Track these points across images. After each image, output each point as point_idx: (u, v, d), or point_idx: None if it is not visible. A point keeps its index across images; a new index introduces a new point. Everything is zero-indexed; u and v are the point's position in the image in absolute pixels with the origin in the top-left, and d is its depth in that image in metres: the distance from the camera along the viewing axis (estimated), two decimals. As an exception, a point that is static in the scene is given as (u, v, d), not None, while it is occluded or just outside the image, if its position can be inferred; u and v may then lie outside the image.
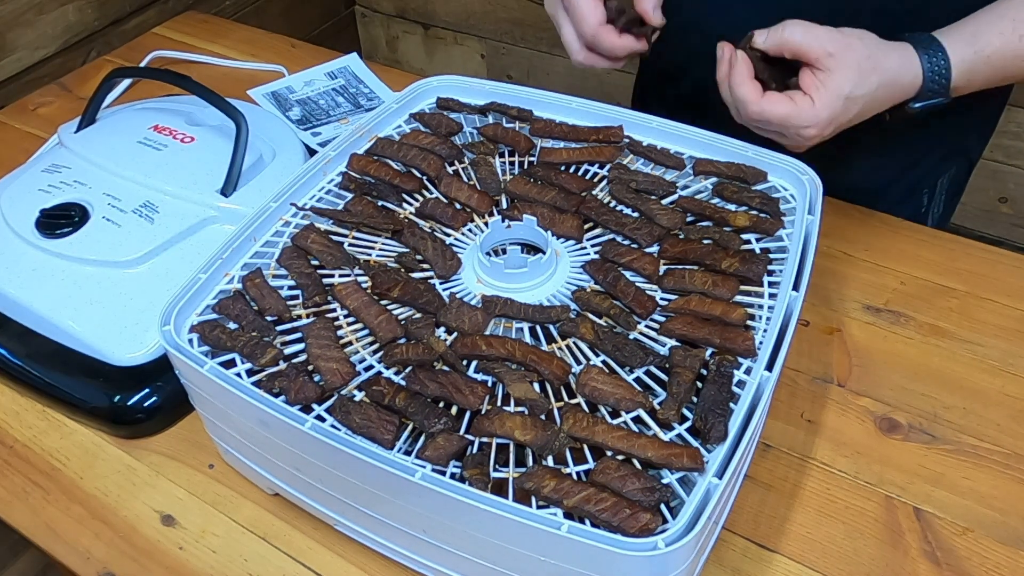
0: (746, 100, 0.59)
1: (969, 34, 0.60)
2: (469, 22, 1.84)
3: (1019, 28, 0.60)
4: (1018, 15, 0.60)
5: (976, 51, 0.60)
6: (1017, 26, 0.60)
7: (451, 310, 0.53)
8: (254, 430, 0.49)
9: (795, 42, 0.58)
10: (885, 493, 0.58)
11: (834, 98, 0.57)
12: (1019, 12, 0.60)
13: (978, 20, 0.61)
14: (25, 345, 0.65)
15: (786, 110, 0.58)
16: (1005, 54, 0.61)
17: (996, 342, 0.67)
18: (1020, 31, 0.60)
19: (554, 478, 0.43)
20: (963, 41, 0.60)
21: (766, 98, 0.59)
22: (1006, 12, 0.61)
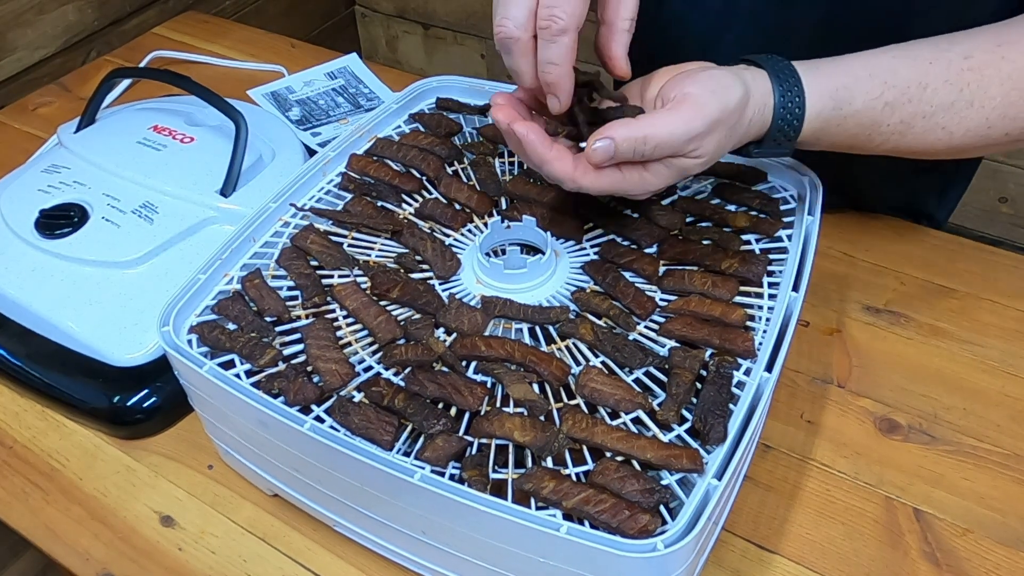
0: (585, 179, 0.49)
1: (834, 85, 0.51)
2: (469, 22, 1.84)
3: (887, 94, 0.52)
4: (889, 78, 0.52)
5: (836, 107, 0.51)
6: (885, 92, 0.52)
7: (450, 311, 0.52)
8: (253, 431, 0.49)
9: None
10: (885, 494, 0.58)
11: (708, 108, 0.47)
12: (891, 76, 0.52)
13: (847, 71, 0.52)
14: (25, 345, 0.65)
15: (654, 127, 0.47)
16: (863, 120, 0.52)
17: (996, 342, 0.67)
18: (887, 98, 0.52)
19: (553, 479, 0.43)
20: (826, 91, 0.51)
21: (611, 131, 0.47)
22: (877, 72, 0.52)
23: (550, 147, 0.49)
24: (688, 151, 0.48)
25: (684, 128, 0.46)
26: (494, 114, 0.50)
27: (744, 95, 0.48)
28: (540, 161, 0.49)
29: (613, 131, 0.47)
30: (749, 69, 0.51)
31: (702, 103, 0.47)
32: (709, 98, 0.47)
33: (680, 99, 0.47)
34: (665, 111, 0.47)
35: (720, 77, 0.49)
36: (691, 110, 0.47)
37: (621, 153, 0.47)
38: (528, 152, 0.49)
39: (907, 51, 0.53)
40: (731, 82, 0.48)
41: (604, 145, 0.47)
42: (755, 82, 0.50)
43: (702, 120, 0.47)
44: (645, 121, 0.47)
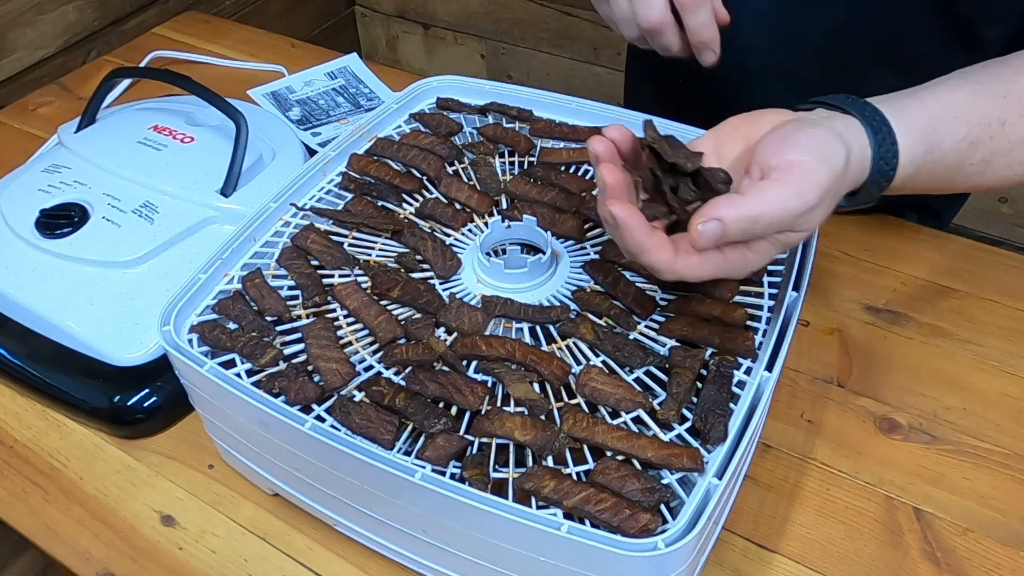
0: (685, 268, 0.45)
1: (923, 129, 0.48)
2: (469, 22, 1.84)
3: (971, 133, 0.50)
4: (970, 116, 0.50)
5: (927, 151, 0.49)
6: (969, 131, 0.50)
7: (451, 310, 0.53)
8: (254, 430, 0.49)
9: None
10: (885, 493, 0.58)
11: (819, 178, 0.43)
12: (971, 113, 0.50)
13: (931, 112, 0.49)
14: (25, 345, 0.65)
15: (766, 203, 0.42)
16: (949, 163, 0.50)
17: (996, 342, 0.67)
18: (971, 137, 0.50)
19: (554, 478, 0.43)
20: (916, 136, 0.48)
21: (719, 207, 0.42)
22: (959, 111, 0.50)
23: (650, 235, 0.44)
24: (797, 225, 0.44)
25: (798, 203, 0.42)
26: (598, 172, 0.45)
27: (846, 154, 0.45)
28: (639, 250, 0.44)
29: (720, 211, 0.42)
30: (838, 118, 0.47)
31: (812, 172, 0.43)
32: (818, 166, 0.43)
33: (786, 168, 0.43)
34: (774, 184, 0.43)
35: (822, 138, 0.44)
36: (802, 182, 0.43)
37: (730, 235, 0.42)
38: (626, 239, 0.44)
39: (977, 84, 0.51)
40: (834, 143, 0.45)
41: (712, 228, 0.42)
42: (849, 134, 0.46)
43: (815, 192, 0.43)
44: (755, 198, 0.42)
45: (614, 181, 0.45)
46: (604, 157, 0.46)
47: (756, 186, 0.43)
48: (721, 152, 0.48)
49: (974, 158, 0.51)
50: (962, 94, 0.51)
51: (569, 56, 1.76)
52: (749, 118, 0.49)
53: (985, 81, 0.52)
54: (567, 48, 1.75)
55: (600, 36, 1.68)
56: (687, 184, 0.45)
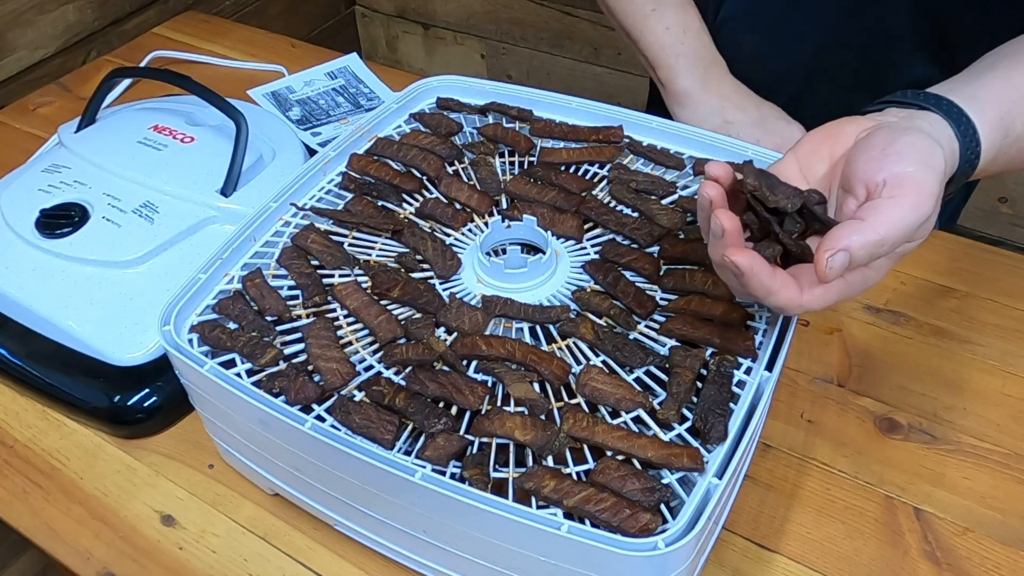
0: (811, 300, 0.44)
1: (998, 115, 0.48)
2: (469, 22, 1.84)
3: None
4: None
5: (1004, 135, 0.49)
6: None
7: (451, 310, 0.53)
8: (254, 430, 0.49)
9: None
10: (885, 493, 0.58)
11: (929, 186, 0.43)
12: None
13: (1001, 96, 0.50)
14: (25, 345, 0.65)
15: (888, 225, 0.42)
16: (1021, 145, 0.51)
17: (996, 342, 0.67)
18: None
19: (554, 478, 0.43)
20: (993, 123, 0.48)
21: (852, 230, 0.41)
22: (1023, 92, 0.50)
23: (774, 277, 0.43)
24: (916, 236, 0.44)
25: (916, 216, 0.42)
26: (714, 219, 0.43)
27: (943, 152, 0.44)
28: (765, 293, 0.43)
29: (846, 240, 0.41)
30: (920, 116, 0.47)
31: (922, 182, 0.42)
32: (926, 174, 0.43)
33: (896, 183, 0.42)
34: (889, 202, 0.42)
35: (920, 144, 0.44)
36: (916, 194, 0.42)
37: (857, 262, 0.42)
38: (752, 285, 0.43)
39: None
40: (931, 146, 0.44)
41: (840, 259, 0.41)
42: (936, 131, 0.46)
43: (930, 201, 0.42)
44: (876, 221, 0.42)
45: (732, 227, 0.43)
46: (719, 203, 0.44)
47: (872, 207, 0.42)
48: (807, 172, 0.48)
49: None
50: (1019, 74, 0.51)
51: (569, 56, 1.76)
52: (828, 132, 0.48)
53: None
54: (567, 48, 1.75)
55: (600, 36, 1.68)
56: (792, 218, 0.45)
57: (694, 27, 0.77)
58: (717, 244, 0.44)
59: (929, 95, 0.48)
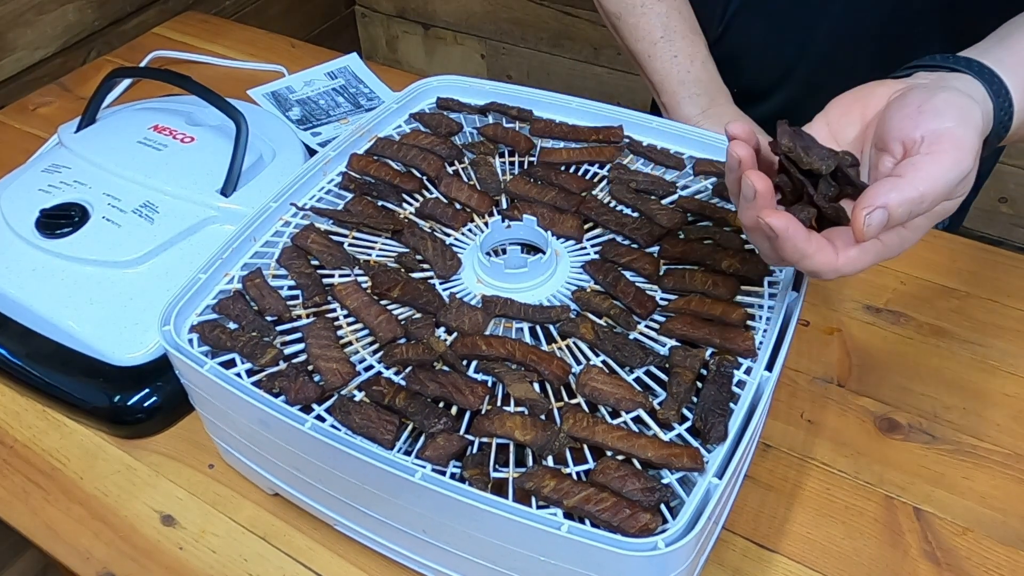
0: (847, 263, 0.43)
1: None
2: (469, 22, 1.84)
3: None
4: None
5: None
6: None
7: (451, 310, 0.53)
8: (254, 430, 0.49)
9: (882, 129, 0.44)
10: (885, 493, 0.58)
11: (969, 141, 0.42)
12: None
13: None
14: (25, 345, 0.65)
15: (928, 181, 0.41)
16: None
17: (996, 342, 0.67)
18: None
19: (554, 478, 0.43)
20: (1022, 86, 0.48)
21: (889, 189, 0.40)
22: None
23: (809, 240, 0.42)
24: (955, 193, 0.43)
25: (957, 172, 0.41)
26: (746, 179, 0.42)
27: (979, 110, 0.44)
28: (800, 256, 0.42)
29: (884, 197, 0.40)
30: (953, 77, 0.47)
31: (961, 137, 0.42)
32: (965, 130, 0.42)
33: (934, 140, 0.42)
34: (928, 158, 0.41)
35: (957, 101, 0.43)
36: (956, 150, 0.41)
37: (896, 219, 0.40)
38: (787, 248, 0.42)
39: None
40: (968, 103, 0.43)
41: (879, 216, 0.40)
42: (970, 90, 0.46)
43: (970, 157, 0.42)
44: (915, 177, 0.41)
45: (765, 188, 0.42)
46: (748, 163, 0.43)
47: (911, 164, 0.41)
48: (838, 134, 0.47)
49: None
50: None
51: (569, 56, 1.76)
52: (859, 95, 0.47)
53: None
54: (567, 48, 1.75)
55: (600, 36, 1.68)
56: (826, 180, 0.44)
57: (701, 56, 0.78)
58: (749, 207, 0.43)
59: (960, 58, 0.48)
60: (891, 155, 0.43)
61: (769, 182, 0.42)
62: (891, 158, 0.43)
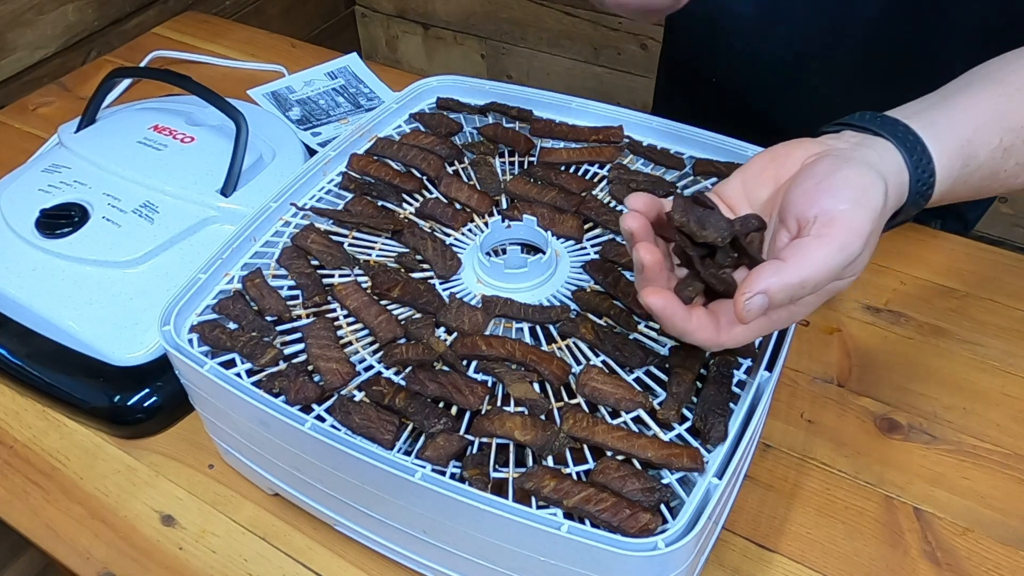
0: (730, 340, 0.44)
1: (959, 143, 0.47)
2: (469, 22, 1.84)
3: (1005, 139, 0.48)
4: (1003, 121, 0.48)
5: (964, 164, 0.47)
6: (1004, 137, 0.48)
7: (451, 310, 0.53)
8: (254, 430, 0.49)
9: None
10: (885, 493, 0.58)
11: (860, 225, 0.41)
12: (1003, 119, 0.48)
13: (963, 123, 0.47)
14: (25, 345, 0.65)
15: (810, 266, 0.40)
16: (984, 172, 0.48)
17: (996, 342, 0.67)
18: (1005, 144, 0.48)
19: (554, 478, 0.43)
20: (952, 151, 0.46)
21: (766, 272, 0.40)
22: (990, 118, 0.48)
23: (688, 319, 0.42)
24: (844, 274, 0.42)
25: (842, 257, 0.40)
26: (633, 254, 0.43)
27: (885, 189, 0.42)
28: (680, 334, 0.43)
29: (764, 282, 0.40)
30: (870, 143, 0.45)
31: (853, 221, 0.41)
32: (858, 212, 0.41)
33: (825, 221, 0.41)
34: (815, 242, 0.41)
35: (859, 178, 0.42)
36: (844, 233, 0.41)
37: (777, 303, 0.40)
38: (666, 326, 0.43)
39: (1005, 87, 0.49)
40: (871, 180, 0.42)
41: (758, 302, 0.40)
42: (885, 162, 0.44)
43: (858, 241, 0.41)
44: (798, 263, 0.40)
45: (653, 262, 0.42)
46: (640, 236, 0.43)
47: (797, 246, 0.41)
48: (751, 195, 0.47)
49: (1008, 164, 0.49)
50: (991, 99, 0.49)
51: (569, 56, 1.76)
52: (776, 154, 0.47)
53: (1011, 81, 0.50)
54: (567, 48, 1.75)
55: (600, 36, 1.68)
56: (725, 249, 0.43)
57: None
58: (639, 278, 0.43)
59: (886, 119, 0.46)
60: (788, 230, 0.43)
61: (658, 256, 0.42)
62: (787, 233, 0.43)
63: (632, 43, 1.63)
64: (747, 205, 0.47)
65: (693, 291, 0.43)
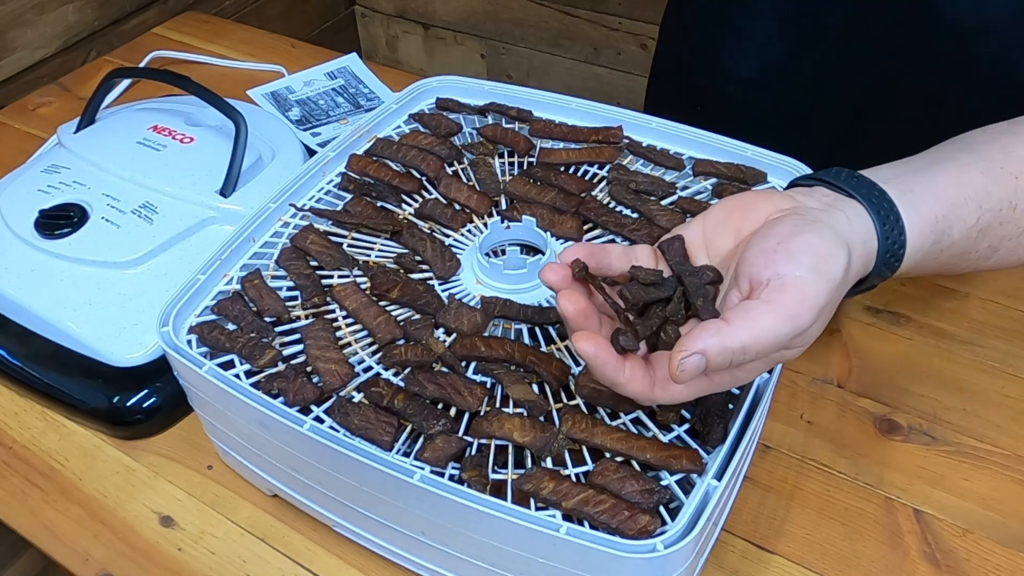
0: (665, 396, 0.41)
1: (935, 218, 0.44)
2: (469, 22, 1.84)
3: (982, 220, 0.45)
4: (983, 201, 0.45)
5: (936, 241, 0.44)
6: (981, 217, 0.45)
7: (450, 311, 0.52)
8: (253, 431, 0.49)
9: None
10: (885, 494, 0.58)
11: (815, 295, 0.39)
12: (985, 198, 0.45)
13: (942, 197, 0.45)
14: (24, 346, 0.65)
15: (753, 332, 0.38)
16: (956, 251, 0.46)
17: (996, 342, 0.67)
18: (981, 224, 0.45)
19: (553, 480, 0.43)
20: (927, 224, 0.44)
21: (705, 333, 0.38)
22: (971, 195, 0.45)
23: (622, 369, 0.40)
24: (792, 344, 0.40)
25: (790, 327, 0.38)
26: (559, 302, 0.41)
27: (847, 259, 0.40)
28: (611, 384, 0.41)
29: (703, 343, 0.38)
30: (842, 205, 0.43)
31: (807, 290, 0.38)
32: (813, 280, 0.38)
33: (778, 287, 0.38)
34: (763, 307, 0.38)
35: (820, 245, 0.40)
36: (795, 303, 0.38)
37: (715, 366, 0.38)
38: (597, 374, 0.41)
39: (989, 163, 0.46)
40: (833, 249, 0.40)
41: (694, 362, 0.38)
42: (853, 227, 0.42)
43: (809, 312, 0.38)
44: (741, 327, 0.38)
45: (576, 312, 0.41)
46: (560, 286, 0.42)
47: (743, 309, 0.39)
48: (711, 244, 0.45)
49: (981, 245, 0.47)
50: (975, 175, 0.46)
51: (569, 56, 1.76)
52: (741, 204, 0.44)
53: (996, 158, 0.47)
54: (567, 48, 1.75)
55: (600, 36, 1.68)
56: (676, 301, 0.42)
57: None
58: (566, 325, 0.42)
59: (863, 181, 0.44)
60: (739, 290, 0.40)
61: (580, 305, 0.41)
62: (738, 293, 0.40)
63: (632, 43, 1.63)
64: (705, 255, 0.45)
65: (628, 344, 0.40)
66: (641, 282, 0.42)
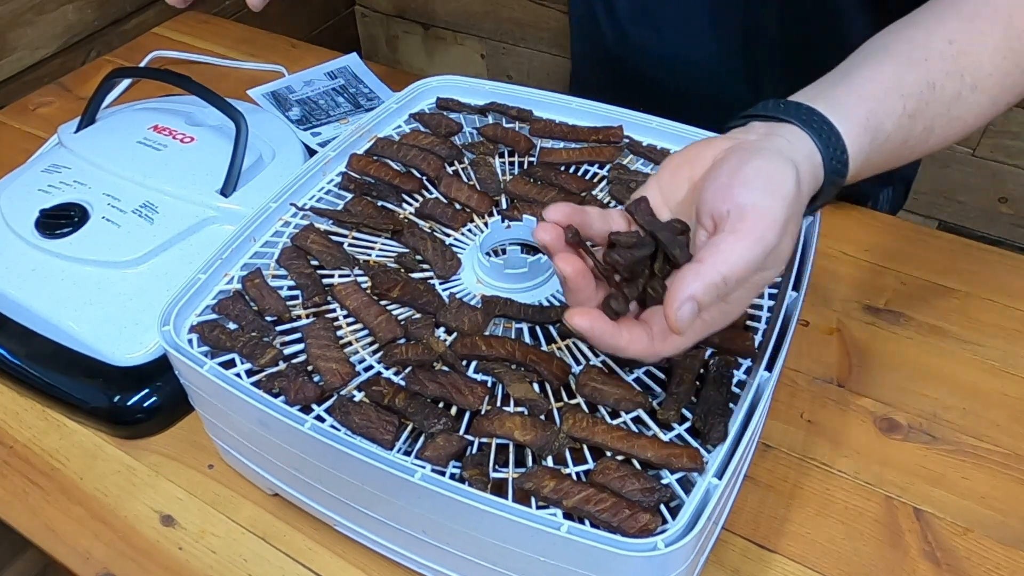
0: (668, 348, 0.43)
1: (865, 117, 0.46)
2: (469, 22, 1.84)
3: (908, 106, 0.48)
4: (903, 89, 0.48)
5: (873, 138, 0.47)
6: (906, 104, 0.48)
7: (451, 310, 0.53)
8: (254, 430, 0.49)
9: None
10: (885, 493, 0.58)
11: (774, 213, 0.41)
12: (902, 86, 0.48)
13: (866, 96, 0.47)
14: (25, 345, 0.65)
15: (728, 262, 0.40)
16: (895, 141, 0.48)
17: (996, 342, 0.67)
18: (909, 110, 0.48)
19: (554, 478, 0.43)
20: (860, 126, 0.46)
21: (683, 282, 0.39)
22: (890, 86, 0.48)
23: (620, 334, 0.42)
24: (767, 265, 0.41)
25: (759, 249, 0.40)
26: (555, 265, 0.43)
27: (796, 176, 0.42)
28: (614, 351, 0.42)
29: (689, 289, 0.39)
30: (779, 131, 0.45)
31: (765, 211, 0.40)
32: (771, 202, 0.41)
33: (738, 215, 0.40)
34: (730, 236, 0.40)
35: (768, 168, 0.42)
36: (758, 224, 0.40)
37: (706, 304, 0.40)
38: (598, 346, 0.42)
39: (897, 55, 0.50)
40: (781, 169, 0.42)
41: (688, 309, 0.39)
42: (795, 147, 0.44)
43: (773, 231, 0.40)
44: (715, 260, 0.40)
45: (575, 272, 0.42)
46: (555, 248, 0.43)
47: (712, 245, 0.40)
48: (669, 200, 0.46)
49: (916, 128, 0.49)
50: (887, 69, 0.49)
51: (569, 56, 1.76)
52: (687, 156, 0.46)
53: (903, 50, 0.50)
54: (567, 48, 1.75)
55: (600, 36, 1.68)
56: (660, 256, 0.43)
57: None
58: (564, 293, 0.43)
59: (790, 105, 0.46)
60: (705, 229, 0.42)
61: (579, 266, 0.42)
62: (704, 232, 0.42)
63: (632, 43, 1.63)
64: (667, 211, 0.46)
65: (620, 307, 0.42)
66: (624, 246, 0.43)
